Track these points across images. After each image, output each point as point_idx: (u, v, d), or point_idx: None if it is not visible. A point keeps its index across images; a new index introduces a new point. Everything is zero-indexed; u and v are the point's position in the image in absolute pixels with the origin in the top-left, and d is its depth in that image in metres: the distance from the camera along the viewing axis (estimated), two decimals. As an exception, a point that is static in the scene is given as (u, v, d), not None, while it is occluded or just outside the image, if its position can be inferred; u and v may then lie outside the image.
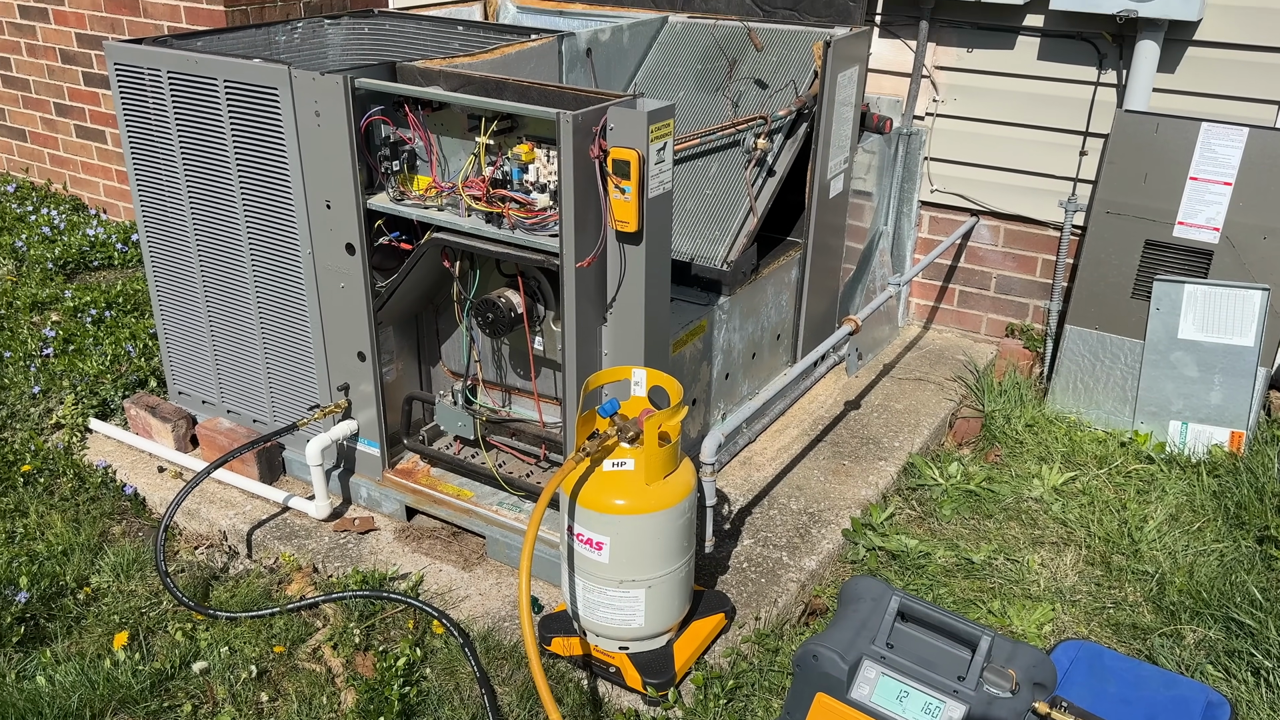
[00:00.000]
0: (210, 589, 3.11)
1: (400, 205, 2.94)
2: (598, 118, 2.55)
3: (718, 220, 3.63)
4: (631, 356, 2.80)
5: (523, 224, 2.73)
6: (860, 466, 3.69)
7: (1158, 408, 3.94)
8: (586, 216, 2.63)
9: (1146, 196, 3.90)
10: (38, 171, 6.37)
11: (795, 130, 3.75)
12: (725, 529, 3.30)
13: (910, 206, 4.58)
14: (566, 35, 3.69)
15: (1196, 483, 3.65)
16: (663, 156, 2.60)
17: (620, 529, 2.47)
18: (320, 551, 3.19)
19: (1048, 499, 3.63)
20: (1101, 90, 4.05)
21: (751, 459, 3.71)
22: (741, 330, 3.68)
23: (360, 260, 3.02)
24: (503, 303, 2.86)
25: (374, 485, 3.34)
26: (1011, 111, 4.24)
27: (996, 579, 3.23)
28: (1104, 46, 3.99)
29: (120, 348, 4.30)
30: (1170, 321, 3.86)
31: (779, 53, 3.94)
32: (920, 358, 4.52)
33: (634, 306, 2.73)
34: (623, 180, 2.54)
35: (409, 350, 3.35)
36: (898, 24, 4.34)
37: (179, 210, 3.39)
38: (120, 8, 5.40)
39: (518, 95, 2.83)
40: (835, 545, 3.28)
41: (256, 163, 3.12)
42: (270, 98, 2.99)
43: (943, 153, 4.45)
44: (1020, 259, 4.47)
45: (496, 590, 3.02)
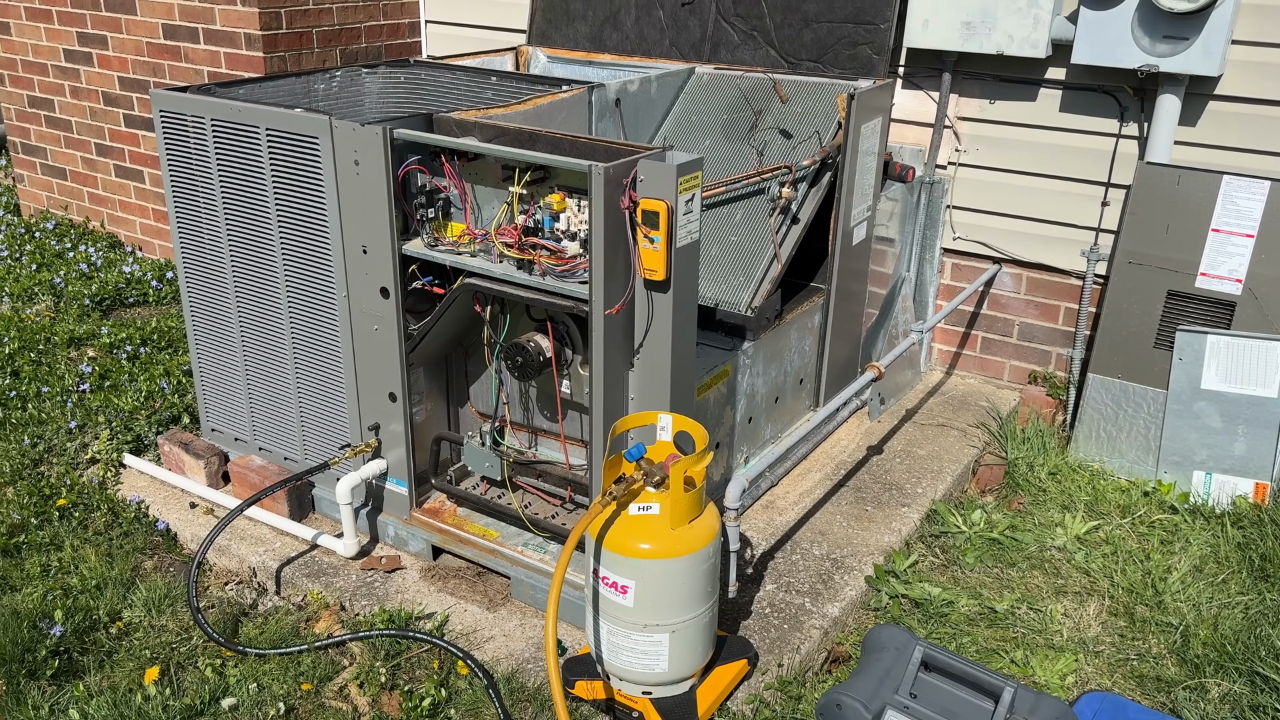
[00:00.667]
0: (239, 625, 3.16)
1: (434, 251, 3.01)
2: (628, 170, 2.62)
3: (742, 266, 3.68)
4: (657, 401, 2.85)
5: (553, 271, 2.80)
6: (883, 512, 3.71)
7: (1181, 458, 3.94)
8: (616, 265, 2.69)
9: (1168, 247, 3.93)
10: (76, 209, 6.53)
11: (819, 179, 3.82)
12: (748, 573, 3.33)
13: (933, 253, 4.63)
14: (596, 86, 3.78)
15: (1221, 534, 3.65)
16: (690, 207, 2.67)
17: (645, 573, 2.50)
18: (348, 589, 3.23)
19: (1071, 548, 3.63)
20: (1123, 142, 4.10)
21: (774, 503, 3.74)
22: (765, 375, 3.72)
23: (394, 303, 3.09)
24: (532, 347, 2.92)
25: (401, 524, 3.38)
26: (1034, 162, 4.29)
27: (1019, 628, 3.23)
28: (1125, 100, 4.05)
29: (155, 384, 4.39)
30: (1193, 372, 3.88)
31: (803, 104, 4.01)
32: (943, 403, 4.54)
33: (660, 352, 2.78)
34: (652, 230, 2.60)
35: (438, 391, 3.41)
36: (921, 76, 4.42)
37: (218, 251, 3.49)
38: (163, 53, 5.56)
39: (550, 147, 2.90)
40: (858, 592, 3.29)
41: (295, 208, 3.21)
42: (311, 146, 3.09)
43: (965, 201, 4.50)
44: (1043, 307, 4.50)
45: (521, 631, 3.05)
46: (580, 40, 4.76)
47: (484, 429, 3.22)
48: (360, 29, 5.54)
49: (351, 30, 5.50)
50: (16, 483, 3.79)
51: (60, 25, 5.96)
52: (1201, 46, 3.67)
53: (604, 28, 4.68)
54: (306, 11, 5.24)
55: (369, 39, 5.62)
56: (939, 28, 4.13)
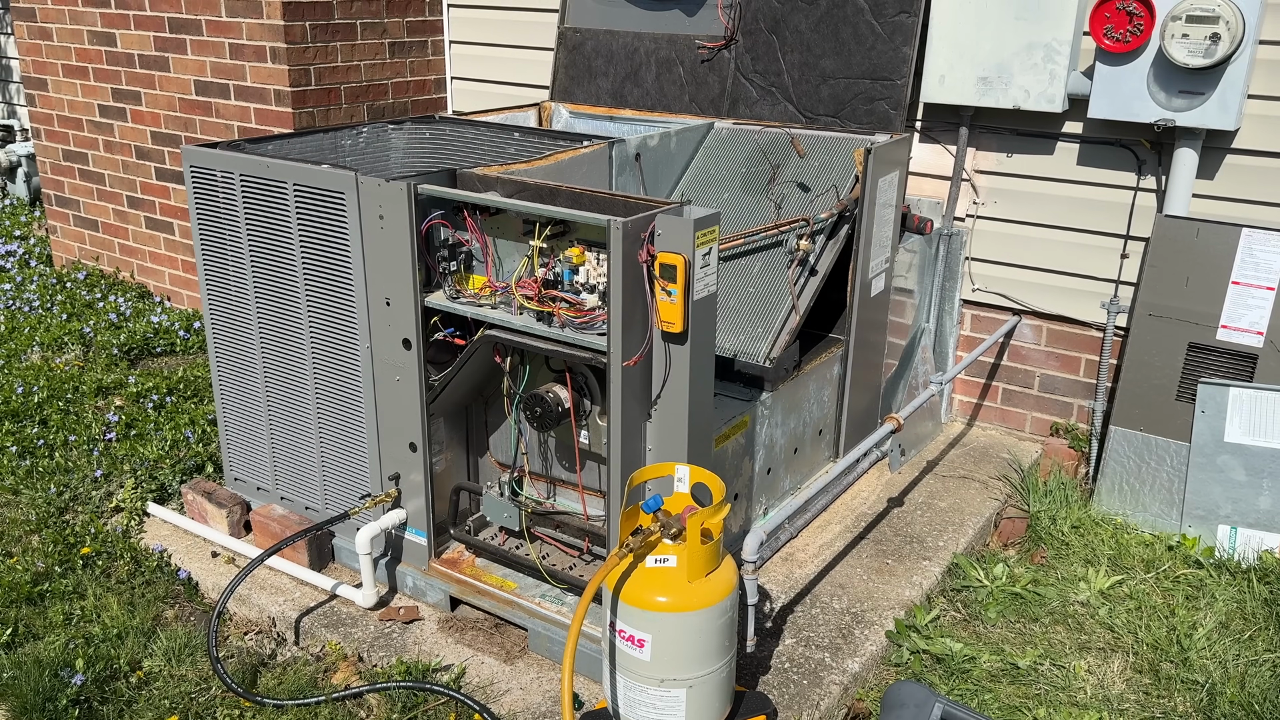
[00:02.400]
0: (258, 675, 3.16)
1: (456, 303, 3.06)
2: (646, 224, 2.66)
3: (760, 318, 3.71)
4: (675, 452, 2.86)
5: (572, 323, 2.83)
6: (904, 566, 3.68)
7: (1205, 511, 3.90)
8: (634, 317, 2.72)
9: (1188, 300, 3.93)
10: (107, 260, 6.66)
11: (837, 231, 3.85)
12: (767, 627, 3.31)
13: (952, 305, 4.64)
14: (617, 142, 3.85)
15: (1247, 590, 3.60)
16: (708, 261, 2.70)
17: (662, 626, 2.50)
18: (366, 640, 3.24)
19: (1094, 603, 3.59)
20: (1141, 195, 4.12)
21: (793, 555, 3.72)
22: (784, 426, 3.73)
23: (416, 354, 3.14)
24: (550, 398, 2.95)
25: (420, 574, 3.39)
26: (1051, 214, 4.31)
27: (1042, 685, 3.19)
28: (1143, 153, 4.07)
29: (180, 433, 4.44)
30: (1216, 425, 3.85)
31: (821, 158, 4.06)
32: (964, 455, 4.52)
33: (678, 404, 2.80)
34: (669, 283, 2.63)
35: (458, 441, 3.43)
36: (938, 130, 4.46)
37: (245, 303, 3.55)
38: (194, 109, 5.70)
39: (570, 201, 2.95)
40: (879, 647, 3.26)
41: (320, 260, 3.27)
42: (337, 201, 3.15)
43: (984, 253, 4.52)
44: (1063, 358, 4.49)
45: (538, 685, 3.04)
46: (602, 96, 4.85)
47: (502, 479, 3.24)
48: (387, 85, 5.66)
49: (379, 86, 5.62)
50: (41, 530, 3.83)
51: (96, 81, 6.13)
52: (1218, 101, 3.70)
53: (625, 84, 4.76)
54: (335, 69, 5.37)
55: (395, 95, 5.75)
56: (955, 83, 4.18)
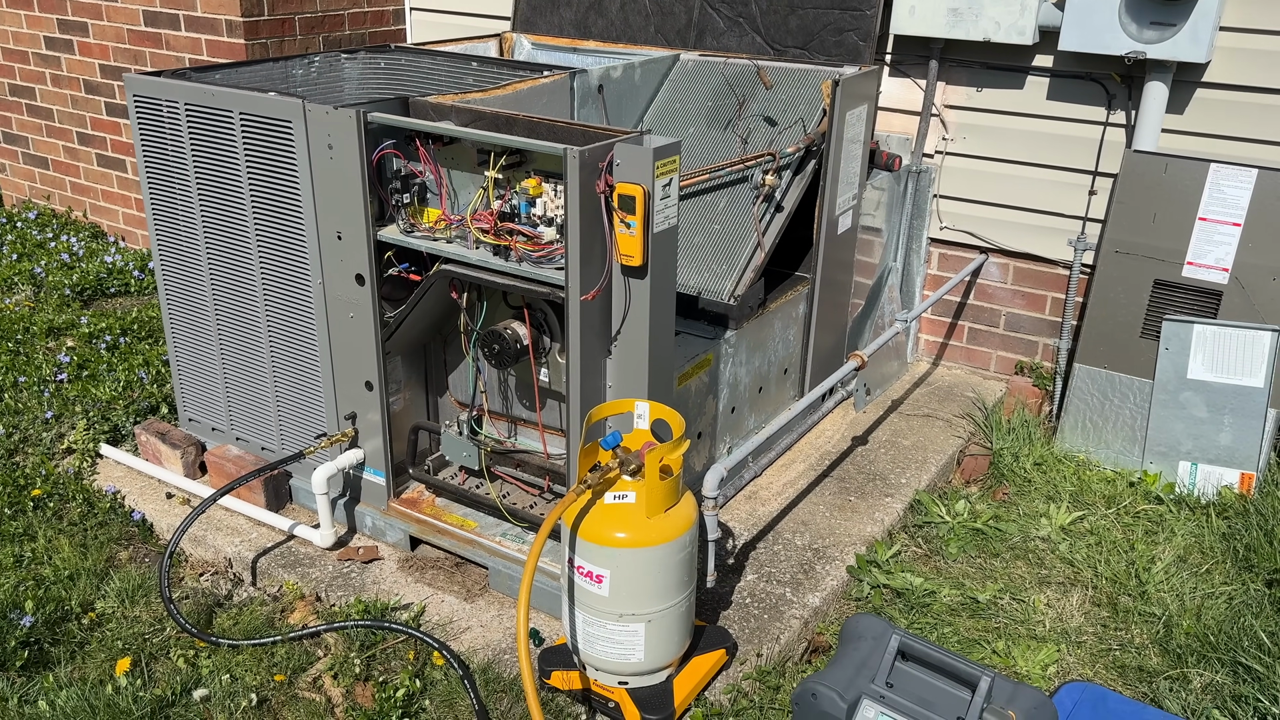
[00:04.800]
0: (214, 616, 3.12)
1: (410, 237, 2.97)
2: (604, 153, 2.58)
3: (725, 255, 3.65)
4: (635, 389, 2.81)
5: (529, 257, 2.76)
6: (866, 503, 3.68)
7: (1167, 448, 3.92)
8: (592, 250, 2.65)
9: (1155, 236, 3.90)
10: (58, 199, 6.47)
11: (804, 167, 3.78)
12: (729, 564, 3.30)
13: (919, 243, 4.60)
14: (579, 72, 3.74)
15: (1205, 524, 3.62)
16: (668, 192, 2.63)
17: (620, 562, 2.47)
18: (324, 580, 3.20)
19: (1055, 538, 3.60)
20: (1110, 130, 4.07)
21: (757, 493, 3.71)
22: (748, 364, 3.69)
23: (369, 291, 3.05)
24: (509, 334, 2.89)
25: (379, 514, 3.35)
26: (1021, 150, 4.26)
27: (1001, 619, 3.21)
28: (1113, 87, 4.01)
29: (133, 374, 4.34)
30: (1179, 362, 3.85)
31: (789, 91, 3.97)
32: (929, 394, 4.51)
33: (638, 340, 2.74)
34: (628, 215, 2.56)
35: (416, 380, 3.37)
36: (908, 63, 4.38)
37: (193, 239, 3.44)
38: (144, 40, 5.50)
39: (527, 131, 2.86)
40: (840, 582, 3.26)
41: (269, 194, 3.17)
42: (284, 131, 3.04)
43: (952, 190, 4.47)
44: (1029, 297, 4.47)
45: (498, 622, 3.02)
46: (565, 27, 4.71)
47: (462, 418, 3.19)
48: (344, 16, 5.49)
49: (335, 17, 5.44)
50: (-9, 473, 3.75)
51: (41, 12, 5.90)
52: (1189, 33, 3.64)
53: (589, 14, 4.63)
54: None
55: (353, 26, 5.57)
56: (926, 14, 4.09)
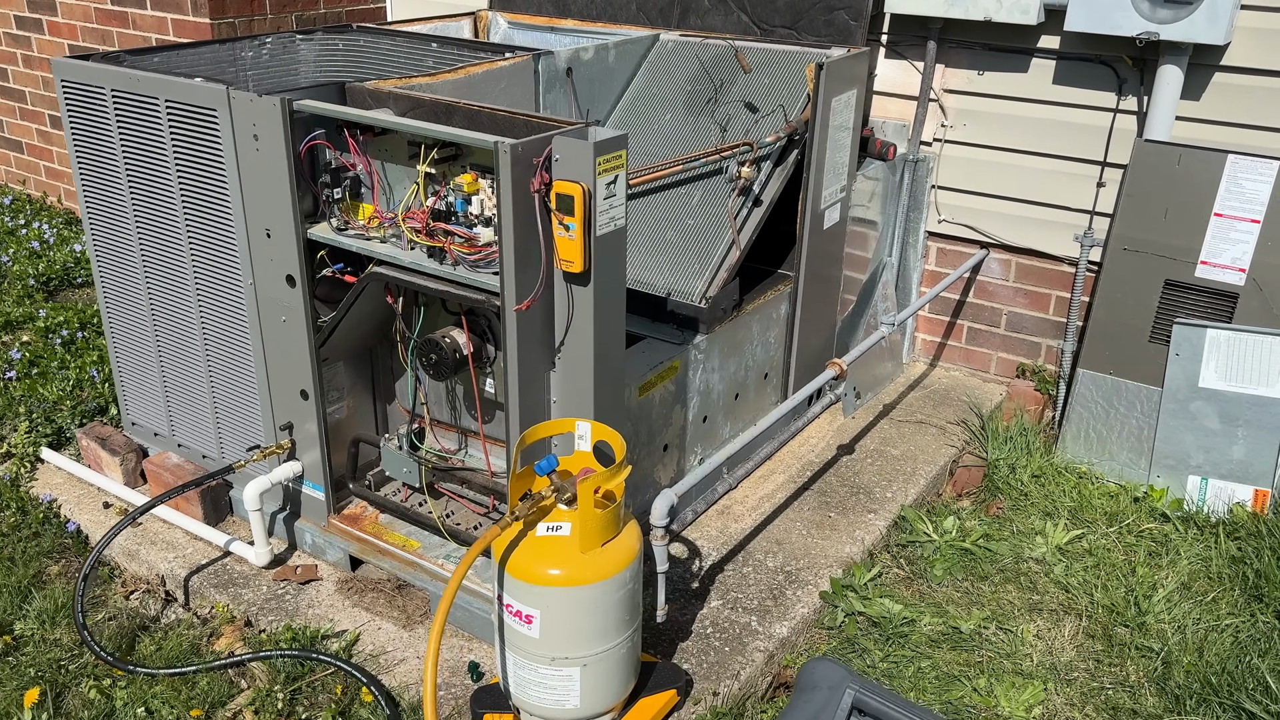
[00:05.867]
0: (137, 640, 2.92)
1: (341, 236, 2.74)
2: (541, 148, 2.33)
3: (698, 253, 3.39)
4: (580, 405, 2.57)
5: (465, 260, 2.52)
6: (847, 519, 3.43)
7: (1176, 461, 3.64)
8: (529, 254, 2.41)
9: (1167, 233, 3.61)
10: (34, 184, 6.28)
11: (786, 157, 3.52)
12: (693, 588, 3.06)
13: (916, 237, 4.32)
14: (544, 54, 3.48)
15: (1214, 546, 3.35)
16: (613, 191, 2.38)
17: (552, 602, 2.23)
18: (256, 602, 2.99)
19: (1050, 559, 3.35)
20: (1121, 118, 3.77)
21: (731, 508, 3.47)
22: (722, 370, 3.43)
23: (301, 293, 2.82)
24: (447, 343, 2.65)
25: (319, 531, 3.13)
26: (1024, 139, 3.97)
27: (986, 651, 2.96)
28: (1124, 71, 3.71)
29: (85, 372, 4.15)
30: (1191, 368, 3.57)
31: (771, 74, 3.70)
32: (924, 398, 4.24)
33: (582, 352, 2.50)
34: (566, 216, 2.31)
35: (363, 386, 3.15)
36: (905, 44, 4.09)
37: (126, 233, 3.22)
38: (110, 19, 5.28)
39: (466, 120, 2.62)
40: (811, 609, 3.02)
41: (197, 187, 2.94)
42: (210, 119, 2.81)
43: (951, 181, 4.19)
44: (1033, 295, 4.19)
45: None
46: (544, 5, 4.45)
47: (401, 431, 2.96)
48: (317, -7, 5.24)
49: (308, -5, 5.19)
50: (-76, 478, 3.57)
51: (9, -10, 5.69)
52: (1206, 12, 3.33)
53: (565, -8, 4.36)
54: (256, -26, 4.94)
55: (328, 4, 5.32)
56: (921, -9, 3.80)
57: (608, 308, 2.48)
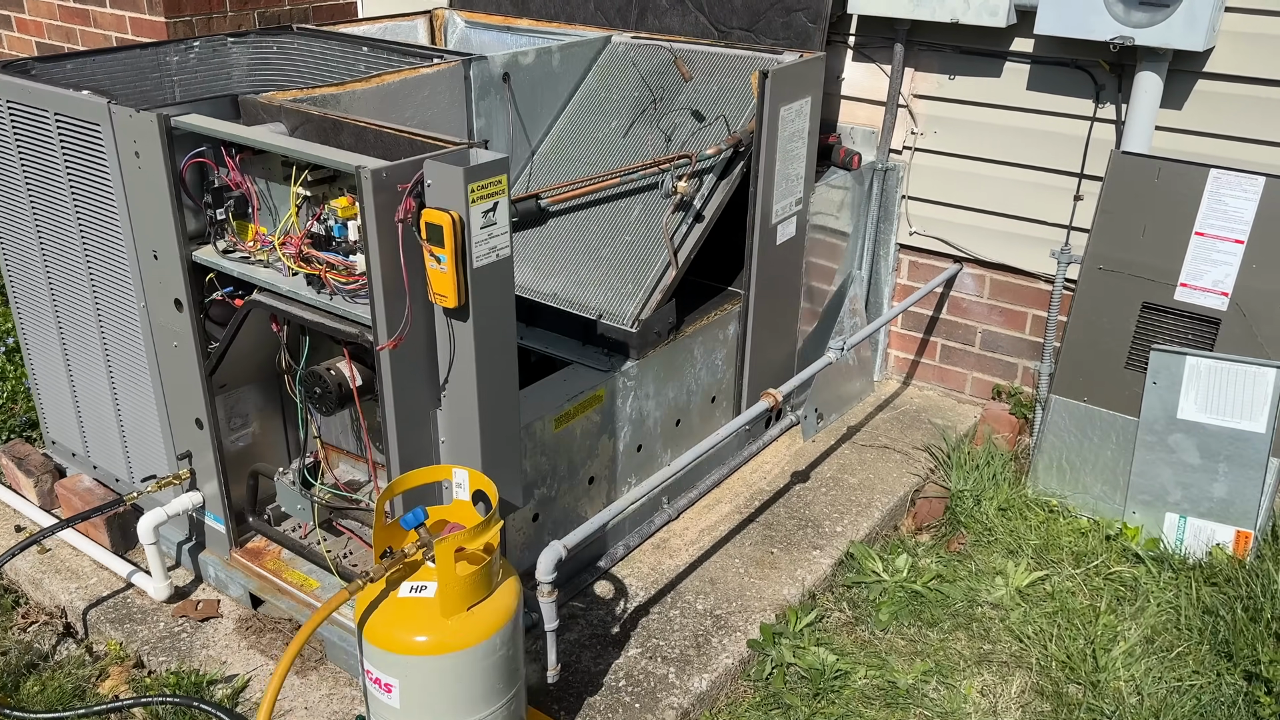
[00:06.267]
0: (23, 679, 2.78)
1: (224, 260, 2.57)
2: (410, 172, 2.14)
3: (634, 272, 3.19)
4: (468, 447, 2.39)
5: (342, 290, 2.34)
6: (790, 556, 3.22)
7: (1152, 497, 3.39)
8: (400, 287, 2.22)
9: (1145, 252, 3.35)
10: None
11: (731, 169, 3.30)
12: (613, 633, 2.87)
13: (887, 249, 4.08)
14: (476, 59, 3.29)
15: (1186, 593, 3.11)
16: (493, 219, 2.18)
17: (411, 671, 2.06)
18: (151, 640, 2.84)
19: (1007, 604, 3.12)
20: (1099, 127, 3.51)
21: (668, 542, 3.27)
22: (659, 396, 3.23)
23: (189, 318, 2.66)
24: (331, 376, 2.47)
25: (221, 565, 2.98)
26: (998, 147, 3.72)
27: (922, 710, 2.74)
28: (1101, 77, 3.45)
29: (21, 384, 4.03)
30: (1169, 398, 3.31)
31: (720, 80, 3.48)
32: (892, 420, 4.01)
33: (466, 390, 2.31)
34: (436, 248, 2.12)
35: (273, 412, 2.98)
36: (872, 46, 3.85)
37: (31, 248, 3.08)
38: (74, 17, 5.17)
39: (353, 138, 2.43)
40: (737, 660, 2.82)
41: (90, 205, 2.79)
42: (94, 134, 2.65)
43: (922, 191, 3.94)
44: (1008, 313, 3.94)
45: (327, 704, 2.63)
46: (503, 4, 4.25)
47: (294, 466, 2.79)
48: (281, -10, 5.08)
49: (270, -9, 5.04)
50: None
51: (-25, -14, 5.59)
52: (1185, 14, 3.07)
53: (521, -10, 4.16)
54: (211, -29, 4.80)
55: (294, 0, 5.16)
56: (885, -9, 3.56)
57: (492, 343, 2.29)
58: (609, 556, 3.12)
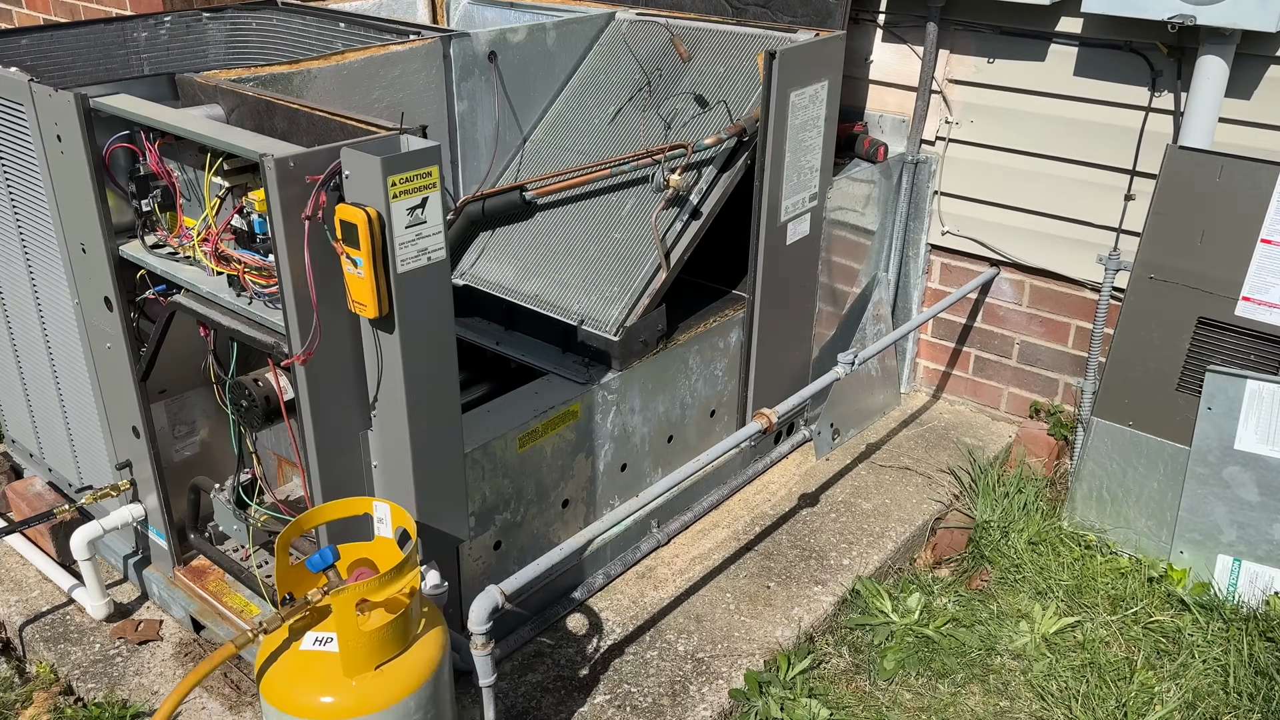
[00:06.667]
0: (-54, 702, 2.60)
1: (149, 255, 2.33)
2: (323, 161, 1.87)
3: (621, 273, 2.89)
4: (399, 473, 2.12)
5: (261, 293, 2.08)
6: (788, 592, 2.91)
7: (1203, 535, 3.01)
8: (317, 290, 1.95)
9: (1202, 261, 2.96)
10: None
11: (734, 160, 2.98)
12: (580, 675, 2.59)
13: (917, 250, 3.73)
14: (457, 36, 3.02)
15: (1237, 650, 2.73)
16: (422, 217, 1.90)
17: (308, 735, 1.80)
18: (84, 664, 2.63)
19: (1031, 654, 2.78)
20: (1155, 118, 3.12)
21: (655, 570, 2.98)
22: (645, 411, 2.93)
23: (119, 318, 2.43)
24: (258, 388, 2.22)
25: (165, 583, 2.76)
26: (1041, 139, 3.34)
27: (923, 780, 2.42)
28: (1159, 61, 3.06)
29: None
30: (1225, 426, 2.92)
31: (727, 62, 3.16)
32: (917, 437, 3.67)
33: (396, 411, 2.04)
34: (352, 249, 1.85)
35: (224, 419, 2.74)
36: (904, 25, 3.49)
37: (-24, 237, 2.88)
38: (79, -8, 5.00)
39: (286, 121, 2.17)
40: (715, 712, 2.52)
41: (21, 192, 2.57)
42: (18, 115, 2.42)
43: (956, 187, 3.58)
44: (1049, 324, 3.56)
45: (255, 746, 2.40)
46: (510, -21, 3.96)
47: (228, 483, 2.55)
48: (286, -35, 4.84)
49: (275, -33, 4.80)
50: None
51: (-13, -38, 5.47)
52: (1257, -10, 2.67)
53: (525, -36, 3.87)
54: (211, -56, 4.58)
55: (302, -23, 4.92)
56: (915, -37, 3.20)
57: (424, 358, 2.01)
58: (586, 586, 2.84)
